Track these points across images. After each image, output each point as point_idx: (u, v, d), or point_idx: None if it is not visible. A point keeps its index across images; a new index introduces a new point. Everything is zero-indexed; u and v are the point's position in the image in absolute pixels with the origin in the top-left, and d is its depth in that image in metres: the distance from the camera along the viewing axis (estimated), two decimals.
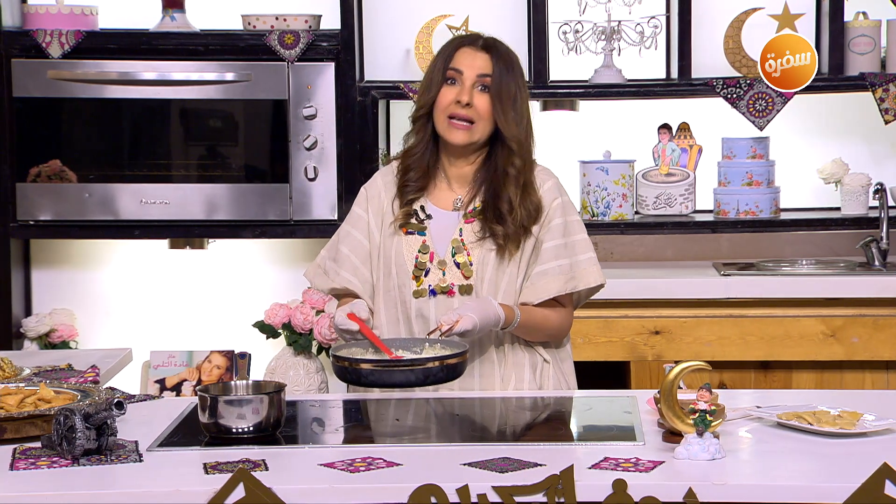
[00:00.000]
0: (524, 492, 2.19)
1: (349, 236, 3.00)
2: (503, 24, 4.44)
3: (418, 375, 2.66)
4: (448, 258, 2.92)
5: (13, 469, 2.33)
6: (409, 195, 2.95)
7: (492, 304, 2.82)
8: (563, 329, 2.97)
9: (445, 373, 2.68)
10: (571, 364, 3.07)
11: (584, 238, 2.96)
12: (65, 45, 4.19)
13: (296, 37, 4.22)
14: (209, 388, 2.62)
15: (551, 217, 2.93)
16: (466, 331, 2.76)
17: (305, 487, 2.25)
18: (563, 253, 2.92)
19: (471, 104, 2.87)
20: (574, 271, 2.93)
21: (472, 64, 2.89)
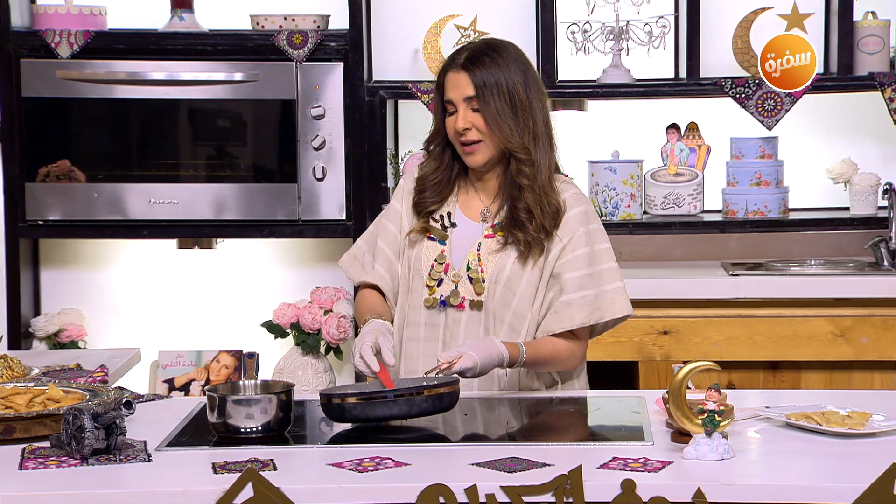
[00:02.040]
0: (533, 492, 2.19)
1: (385, 230, 3.00)
2: (511, 24, 4.45)
3: (402, 407, 2.58)
4: (462, 272, 2.91)
5: (22, 469, 2.33)
6: (425, 209, 2.95)
7: (494, 343, 2.78)
8: (571, 362, 2.91)
9: (431, 403, 2.60)
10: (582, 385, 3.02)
11: (611, 267, 2.90)
12: (74, 46, 4.20)
13: (304, 37, 4.23)
14: (218, 387, 2.62)
15: (576, 245, 2.87)
16: (466, 368, 2.72)
17: (314, 487, 2.26)
18: (588, 283, 2.86)
19: (469, 128, 2.84)
20: (599, 302, 2.87)
21: (457, 88, 2.85)
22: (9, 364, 2.87)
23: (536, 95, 2.88)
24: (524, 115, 2.84)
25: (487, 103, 2.82)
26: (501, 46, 2.90)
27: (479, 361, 2.73)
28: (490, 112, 2.82)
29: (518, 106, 2.83)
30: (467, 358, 2.71)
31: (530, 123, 2.85)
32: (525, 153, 2.84)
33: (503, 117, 2.82)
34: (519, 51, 2.92)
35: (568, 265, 2.87)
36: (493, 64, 2.84)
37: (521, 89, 2.85)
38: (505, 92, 2.82)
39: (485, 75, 2.83)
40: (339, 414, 2.60)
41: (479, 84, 2.82)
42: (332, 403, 2.59)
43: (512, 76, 2.84)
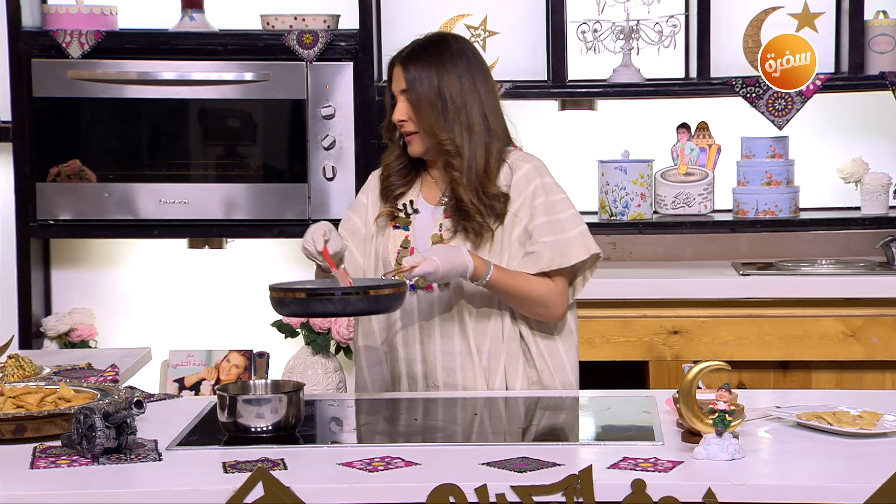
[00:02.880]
0: (543, 491, 2.19)
1: (349, 221, 3.06)
2: (522, 24, 4.45)
3: (337, 306, 2.67)
4: (428, 254, 2.94)
5: (33, 468, 2.33)
6: (392, 194, 3.01)
7: (461, 253, 2.83)
8: (550, 300, 2.91)
9: (367, 304, 2.68)
10: (568, 357, 3.01)
11: (571, 214, 2.95)
12: (84, 46, 4.21)
13: (314, 37, 4.23)
14: (228, 387, 2.63)
15: (531, 200, 2.93)
16: (427, 273, 2.78)
17: (324, 487, 2.26)
18: (546, 231, 2.92)
19: (405, 119, 2.92)
20: (561, 248, 2.91)
21: (396, 81, 2.95)
22: (20, 363, 2.88)
23: (475, 90, 2.93)
24: (455, 111, 2.90)
25: (416, 98, 2.90)
26: (443, 42, 2.97)
27: (441, 267, 2.78)
28: (417, 106, 2.90)
29: (448, 101, 2.90)
30: (429, 263, 2.77)
31: (462, 117, 2.91)
32: (451, 146, 2.90)
33: (431, 110, 2.90)
34: (464, 46, 2.98)
35: (530, 216, 2.92)
36: (429, 59, 2.92)
37: (455, 85, 2.91)
38: (435, 88, 2.90)
39: (417, 71, 2.91)
40: (279, 306, 2.70)
41: (410, 79, 2.91)
42: (272, 295, 2.70)
43: (446, 72, 2.91)
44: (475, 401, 2.87)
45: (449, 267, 2.79)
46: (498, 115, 2.97)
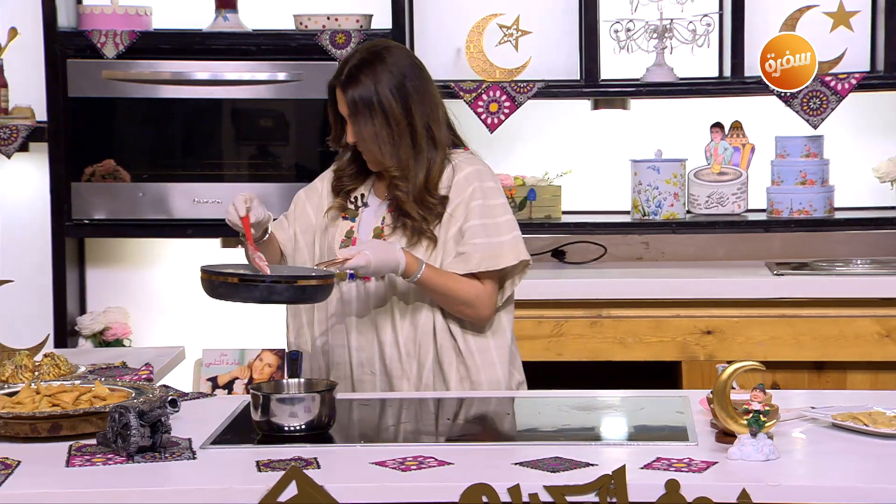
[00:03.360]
0: (576, 491, 2.18)
1: (298, 200, 3.10)
2: (554, 23, 4.44)
3: (263, 293, 2.71)
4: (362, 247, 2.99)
5: (69, 466, 2.35)
6: (344, 189, 3.04)
7: (394, 250, 2.86)
8: (477, 301, 2.93)
9: (293, 293, 2.73)
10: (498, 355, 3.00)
11: (506, 220, 2.96)
12: (119, 46, 4.23)
13: (347, 36, 4.23)
14: (261, 386, 2.64)
15: (469, 201, 2.94)
16: (359, 266, 2.81)
17: (357, 486, 2.26)
18: (480, 233, 2.93)
19: (356, 142, 2.93)
20: (492, 251, 2.92)
21: (341, 105, 2.93)
22: (55, 362, 2.90)
23: (417, 99, 2.92)
24: (399, 133, 2.90)
25: (360, 124, 2.90)
26: (378, 58, 2.92)
27: (373, 262, 2.81)
28: (361, 133, 2.90)
29: (392, 122, 2.89)
30: (361, 256, 2.81)
31: (407, 138, 2.91)
32: (397, 170, 2.92)
33: (375, 138, 2.90)
34: (399, 59, 2.94)
35: (465, 217, 2.93)
36: (367, 81, 2.90)
37: (395, 101, 2.89)
38: (377, 110, 2.89)
39: (356, 93, 2.88)
40: (209, 288, 2.74)
41: (351, 105, 2.90)
42: (203, 277, 2.74)
43: (384, 89, 2.89)
44: (508, 401, 2.86)
45: (381, 262, 2.83)
46: (440, 124, 2.96)
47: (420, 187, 2.92)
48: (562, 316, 4.10)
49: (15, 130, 4.28)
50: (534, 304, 4.09)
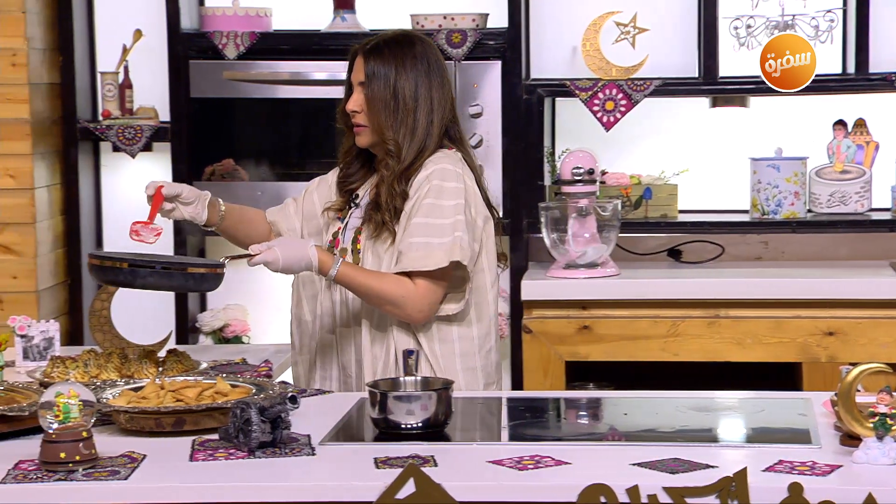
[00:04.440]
0: (696, 493, 2.15)
1: (307, 190, 3.16)
2: (673, 20, 4.39)
3: (126, 276, 2.73)
4: (349, 245, 3.02)
5: (193, 460, 2.39)
6: (346, 187, 3.07)
7: (306, 248, 2.87)
8: (405, 302, 2.90)
9: (157, 279, 2.74)
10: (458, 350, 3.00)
11: (451, 222, 2.91)
12: (240, 47, 4.29)
13: (463, 36, 4.24)
14: (379, 383, 2.65)
15: (422, 198, 2.93)
16: (268, 262, 2.84)
17: (474, 484, 2.26)
18: (419, 231, 2.91)
19: (358, 111, 2.97)
20: (426, 251, 2.90)
21: (357, 72, 2.98)
22: (178, 358, 2.95)
23: (428, 96, 2.96)
24: (405, 113, 2.94)
25: (372, 92, 2.95)
26: (408, 42, 2.99)
27: (282, 258, 2.84)
28: (372, 100, 2.94)
29: (401, 102, 2.94)
30: (269, 252, 2.84)
31: (410, 121, 2.95)
32: (394, 145, 2.94)
33: (383, 108, 2.94)
34: (428, 50, 2.99)
35: (413, 211, 2.92)
36: (391, 56, 2.96)
37: (411, 87, 2.95)
38: (391, 86, 2.94)
39: (378, 66, 2.94)
40: (99, 275, 2.77)
41: (370, 72, 2.95)
42: (90, 263, 2.77)
43: (405, 72, 2.95)
44: (624, 401, 2.84)
45: (291, 259, 2.85)
46: (443, 123, 2.98)
47: (401, 170, 2.94)
48: (678, 316, 4.06)
49: (139, 130, 4.37)
50: (650, 303, 4.06)
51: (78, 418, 2.32)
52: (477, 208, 2.99)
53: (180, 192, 3.00)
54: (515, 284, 4.21)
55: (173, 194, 2.99)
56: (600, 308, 4.07)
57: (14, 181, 4.19)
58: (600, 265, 4.14)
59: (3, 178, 4.19)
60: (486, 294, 3.03)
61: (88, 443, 2.32)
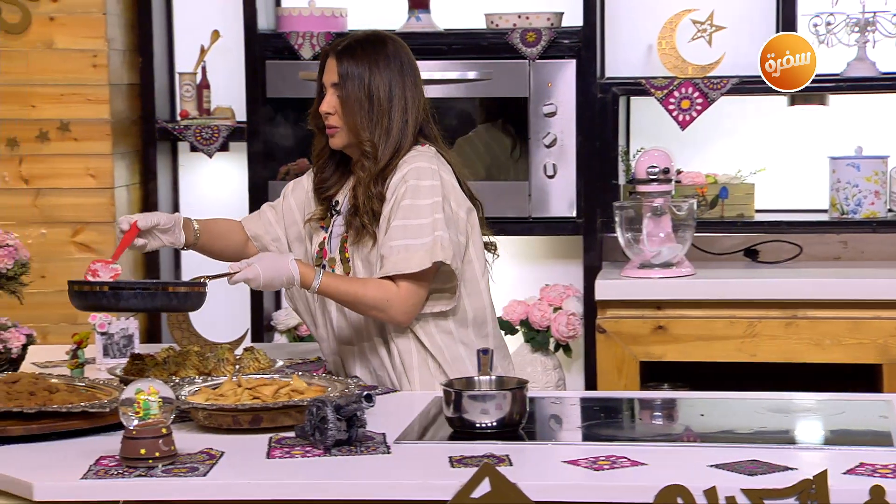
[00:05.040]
0: (775, 495, 2.13)
1: (283, 195, 3.14)
2: (751, 18, 4.35)
3: (109, 300, 2.70)
4: (337, 254, 3.00)
5: (269, 457, 2.41)
6: (324, 195, 3.04)
7: (285, 262, 2.84)
8: (388, 305, 2.87)
9: (140, 300, 2.71)
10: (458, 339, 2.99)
11: (430, 222, 2.88)
12: (315, 47, 4.32)
13: (537, 34, 4.23)
14: (453, 382, 2.65)
15: (400, 200, 2.90)
16: (248, 279, 2.82)
17: (550, 484, 2.25)
18: (399, 234, 2.88)
19: (332, 113, 2.95)
20: (406, 254, 2.87)
21: (329, 73, 2.96)
22: (255, 356, 2.97)
23: (402, 96, 2.94)
24: (380, 112, 2.92)
25: (347, 92, 2.92)
26: (380, 41, 2.97)
27: (263, 275, 2.82)
28: (346, 101, 2.92)
29: (375, 102, 2.92)
30: (250, 269, 2.82)
31: (385, 121, 2.92)
32: (370, 146, 2.92)
33: (358, 109, 2.92)
34: (401, 50, 2.98)
35: (392, 214, 2.90)
36: (364, 56, 2.93)
37: (384, 87, 2.92)
38: (365, 86, 2.91)
39: (351, 66, 2.92)
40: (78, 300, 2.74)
41: (343, 73, 2.93)
42: (71, 290, 2.74)
43: (379, 72, 2.93)
44: (702, 401, 2.82)
45: (271, 275, 2.83)
46: (417, 122, 2.97)
47: (377, 172, 2.92)
48: (755, 316, 4.02)
49: (216, 130, 4.41)
50: (726, 304, 4.02)
51: (158, 415, 2.35)
52: (458, 201, 2.97)
53: (157, 223, 2.98)
54: (589, 284, 4.20)
55: (150, 225, 2.97)
56: (675, 308, 4.04)
57: (94, 181, 4.26)
58: (675, 265, 4.11)
59: (83, 177, 4.25)
60: (478, 283, 3.02)
61: (168, 439, 2.35)
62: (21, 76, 4.22)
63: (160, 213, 3.02)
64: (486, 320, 3.03)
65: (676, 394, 2.89)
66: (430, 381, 2.96)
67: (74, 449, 2.45)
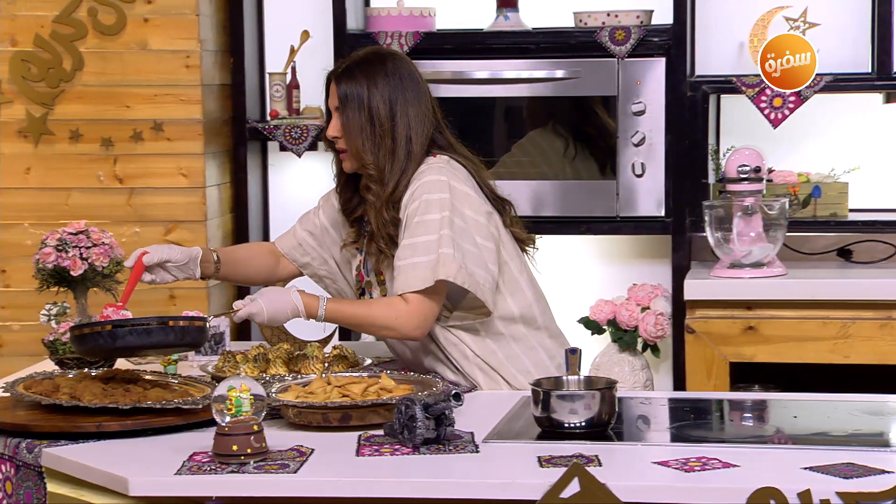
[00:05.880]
0: (871, 498, 2.10)
1: (314, 210, 3.18)
2: (844, 15, 4.28)
3: (106, 339, 2.68)
4: (373, 278, 3.01)
5: (359, 455, 2.42)
6: (352, 216, 3.04)
7: (288, 295, 2.84)
8: (397, 323, 2.86)
9: (135, 336, 2.69)
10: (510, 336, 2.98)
11: (435, 238, 2.85)
12: (404, 46, 4.33)
13: (626, 32, 4.21)
14: (542, 382, 2.65)
15: (411, 218, 2.89)
16: (252, 314, 2.84)
17: (640, 485, 2.24)
18: (406, 253, 2.87)
19: (339, 136, 2.94)
20: (410, 272, 2.86)
21: (332, 97, 2.96)
22: (344, 354, 2.99)
23: (404, 113, 2.92)
24: (381, 132, 2.91)
25: (347, 116, 2.92)
26: (379, 60, 2.96)
27: (266, 309, 2.83)
28: (347, 125, 2.92)
29: (376, 122, 2.91)
30: (253, 305, 2.84)
31: (388, 141, 2.91)
32: (375, 170, 2.91)
33: (359, 132, 2.91)
34: (400, 65, 2.97)
35: (402, 234, 2.89)
36: (362, 77, 2.93)
37: (384, 107, 2.91)
38: (365, 107, 2.92)
39: (349, 88, 2.92)
40: (77, 345, 2.73)
41: (342, 96, 2.93)
42: (72, 336, 2.73)
43: (377, 91, 2.91)
44: (795, 403, 2.78)
45: (274, 309, 2.84)
46: (424, 137, 2.94)
47: (387, 196, 2.91)
48: (849, 317, 3.96)
49: (305, 130, 4.45)
50: (819, 304, 3.97)
51: (249, 412, 2.38)
52: (475, 207, 2.94)
53: (169, 258, 3.00)
54: (677, 284, 4.16)
55: (160, 260, 2.98)
56: (766, 308, 3.99)
57: (186, 180, 4.32)
58: (766, 265, 4.06)
59: (176, 176, 4.31)
60: (518, 282, 3.02)
61: (259, 436, 2.37)
62: (116, 77, 4.29)
63: (175, 248, 3.02)
64: (535, 315, 3.03)
65: (768, 395, 2.85)
66: (492, 384, 2.98)
67: (168, 445, 2.49)
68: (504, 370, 2.97)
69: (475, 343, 2.97)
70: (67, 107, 4.30)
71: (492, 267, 2.93)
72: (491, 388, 2.97)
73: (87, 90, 4.29)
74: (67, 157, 4.31)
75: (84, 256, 3.06)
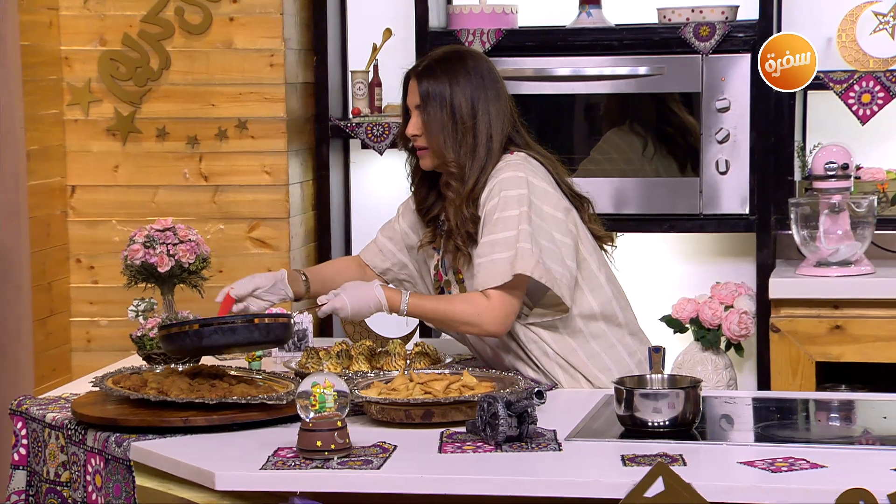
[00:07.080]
0: None
1: (395, 220, 3.18)
2: None
3: (192, 339, 2.72)
4: (451, 276, 2.99)
5: (441, 452, 2.43)
6: (427, 216, 3.05)
7: (370, 289, 2.84)
8: (479, 319, 2.86)
9: (221, 335, 2.72)
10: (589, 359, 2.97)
11: (513, 235, 2.84)
12: (486, 44, 4.33)
13: (711, 29, 4.17)
14: (625, 380, 2.64)
15: (490, 215, 2.88)
16: (336, 309, 2.85)
17: (726, 485, 2.22)
18: (485, 250, 2.86)
19: (418, 134, 2.94)
20: (490, 269, 2.85)
21: (411, 95, 2.96)
22: (425, 351, 3.00)
23: (485, 111, 2.92)
24: (463, 130, 2.91)
25: (429, 114, 2.92)
26: (459, 58, 2.96)
27: (350, 304, 2.85)
28: (429, 123, 2.92)
29: (458, 120, 2.91)
30: (337, 300, 2.86)
31: (470, 139, 2.91)
32: (456, 167, 2.91)
33: (441, 129, 2.91)
34: (480, 63, 2.97)
35: (482, 230, 2.89)
36: (443, 75, 2.93)
37: (467, 105, 2.91)
38: (448, 105, 2.92)
39: (431, 86, 2.93)
40: (165, 344, 2.78)
41: (424, 94, 2.93)
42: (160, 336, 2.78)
43: (460, 90, 2.92)
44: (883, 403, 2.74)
45: (359, 304, 2.85)
46: (503, 135, 2.94)
47: (467, 193, 2.91)
48: None
49: (387, 128, 4.46)
50: None
51: (333, 408, 2.39)
52: (553, 203, 2.94)
53: (255, 288, 3.01)
54: (763, 282, 4.12)
55: (247, 292, 2.99)
56: (854, 307, 3.93)
57: (270, 178, 4.36)
58: (854, 263, 4.00)
59: (259, 174, 4.36)
60: (597, 278, 3.01)
61: (343, 432, 2.39)
62: (202, 76, 4.34)
63: (259, 277, 3.04)
64: (615, 312, 3.02)
65: (855, 395, 2.81)
66: (572, 381, 2.97)
67: (253, 440, 2.51)
68: (584, 368, 2.97)
69: (555, 340, 2.96)
70: (154, 105, 4.36)
71: (570, 263, 2.92)
72: (571, 385, 2.96)
73: (174, 89, 4.35)
74: (154, 155, 4.37)
75: (171, 253, 3.10)
